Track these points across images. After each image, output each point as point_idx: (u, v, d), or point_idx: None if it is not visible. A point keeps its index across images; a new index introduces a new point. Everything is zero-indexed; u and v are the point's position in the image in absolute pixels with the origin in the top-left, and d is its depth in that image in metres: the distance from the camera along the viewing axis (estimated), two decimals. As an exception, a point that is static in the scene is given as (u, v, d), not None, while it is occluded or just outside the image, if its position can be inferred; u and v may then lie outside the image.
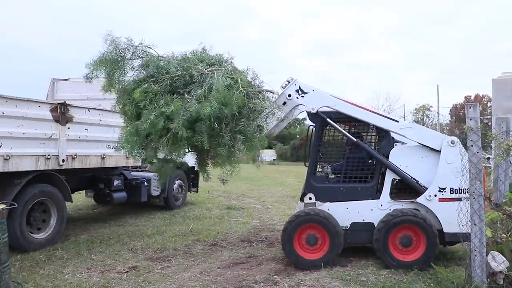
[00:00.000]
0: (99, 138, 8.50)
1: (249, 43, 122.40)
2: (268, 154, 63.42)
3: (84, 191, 10.74)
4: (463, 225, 6.24)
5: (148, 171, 11.22)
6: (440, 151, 6.49)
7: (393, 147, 6.79)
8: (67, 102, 7.77)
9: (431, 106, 60.48)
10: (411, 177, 6.55)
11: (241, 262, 6.74)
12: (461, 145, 6.47)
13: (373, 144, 7.13)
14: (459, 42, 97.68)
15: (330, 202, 6.66)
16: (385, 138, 6.77)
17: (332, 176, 7.17)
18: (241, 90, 5.49)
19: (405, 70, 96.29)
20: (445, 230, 6.39)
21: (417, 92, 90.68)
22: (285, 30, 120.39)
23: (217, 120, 5.29)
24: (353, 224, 6.61)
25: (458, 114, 61.69)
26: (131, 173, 10.70)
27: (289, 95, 6.59)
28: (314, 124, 6.88)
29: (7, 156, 6.63)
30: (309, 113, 6.83)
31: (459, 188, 6.30)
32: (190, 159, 12.63)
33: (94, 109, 8.48)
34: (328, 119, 6.63)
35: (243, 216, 11.00)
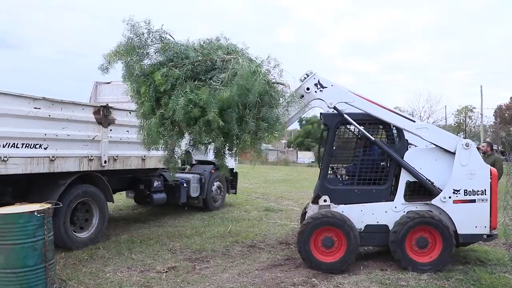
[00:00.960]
0: (139, 140, 8.63)
1: (286, 44, 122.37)
2: (307, 156, 63.08)
3: (124, 192, 10.96)
4: (476, 226, 6.35)
5: (188, 173, 11.36)
6: (453, 153, 6.50)
7: (407, 149, 6.78)
8: (109, 105, 7.93)
9: (474, 108, 58.64)
10: (427, 179, 6.53)
11: (279, 264, 6.70)
12: (476, 148, 6.51)
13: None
14: (502, 41, 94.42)
15: (344, 204, 6.64)
16: (400, 140, 6.75)
17: (346, 178, 7.17)
18: (262, 78, 5.46)
19: (445, 70, 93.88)
20: (459, 232, 6.42)
21: (460, 93, 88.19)
22: (321, 31, 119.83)
23: (242, 107, 5.34)
24: (367, 226, 6.61)
25: (503, 115, 59.66)
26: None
27: (308, 89, 6.55)
28: (328, 126, 6.82)
29: (52, 157, 6.83)
30: (323, 115, 6.83)
31: (472, 190, 6.39)
32: (229, 160, 12.78)
33: (135, 111, 8.61)
34: (345, 116, 6.57)
35: (281, 218, 10.94)
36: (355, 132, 7.16)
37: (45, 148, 6.74)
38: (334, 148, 6.99)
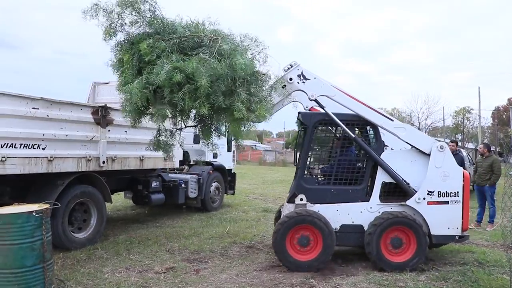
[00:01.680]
0: (138, 140, 8.63)
1: (286, 44, 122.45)
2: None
3: (123, 192, 10.95)
4: (449, 228, 6.51)
5: (186, 173, 11.36)
6: (428, 155, 6.62)
7: (383, 151, 6.85)
8: (108, 105, 7.92)
9: (472, 109, 58.80)
10: (403, 179, 6.63)
11: (278, 265, 6.69)
12: (449, 150, 6.68)
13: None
14: (501, 42, 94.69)
15: (320, 203, 6.67)
16: (376, 141, 6.82)
17: (322, 178, 7.19)
18: (251, 58, 5.62)
19: (444, 72, 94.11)
20: (432, 232, 6.56)
21: (458, 94, 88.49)
22: (320, 31, 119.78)
23: (232, 81, 5.41)
24: (342, 226, 6.65)
25: (501, 116, 59.74)
26: (169, 175, 10.84)
27: (290, 79, 6.57)
28: (306, 125, 6.86)
29: (51, 157, 6.83)
30: (301, 114, 6.86)
31: (446, 191, 6.55)
32: (227, 161, 12.81)
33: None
34: (325, 109, 6.63)
35: (279, 219, 10.92)
36: (333, 132, 7.28)
37: (43, 149, 6.73)
38: (311, 147, 7.03)
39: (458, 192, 6.56)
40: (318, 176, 7.21)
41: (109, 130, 7.91)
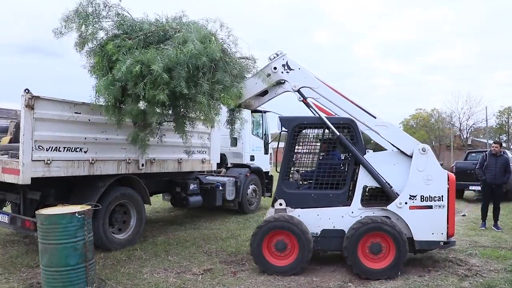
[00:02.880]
0: (176, 143, 8.73)
1: (323, 47, 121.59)
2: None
3: (161, 194, 11.12)
4: (433, 233, 6.22)
5: (223, 176, 11.45)
6: (411, 157, 6.41)
7: (365, 153, 6.70)
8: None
9: (516, 108, 56.66)
10: (386, 182, 6.44)
11: (315, 268, 6.66)
12: (432, 153, 6.42)
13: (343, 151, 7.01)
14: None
15: (301, 208, 6.57)
16: (357, 144, 6.58)
17: (303, 183, 7.09)
18: (216, 44, 5.70)
19: (485, 70, 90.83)
20: (415, 238, 6.34)
21: (501, 94, 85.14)
22: (358, 33, 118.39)
23: (194, 68, 5.47)
24: (323, 230, 6.52)
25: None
26: (207, 177, 10.95)
27: (275, 68, 6.60)
28: (286, 130, 6.78)
29: (92, 160, 7.03)
30: (280, 119, 6.87)
31: (429, 195, 6.29)
32: (264, 164, 12.84)
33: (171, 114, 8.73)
34: (307, 100, 6.60)
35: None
36: (314, 136, 7.15)
37: (85, 152, 6.94)
38: (292, 151, 6.91)
39: (442, 196, 6.29)
40: (299, 180, 7.12)
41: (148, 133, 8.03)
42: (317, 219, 6.53)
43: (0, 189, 7.59)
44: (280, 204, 6.61)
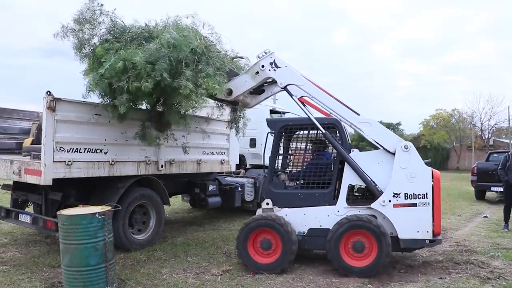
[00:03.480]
0: (195, 144, 8.80)
1: (342, 47, 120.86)
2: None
3: (180, 195, 11.19)
4: (418, 231, 6.13)
5: (242, 177, 11.45)
6: (394, 154, 6.40)
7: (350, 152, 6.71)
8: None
9: (540, 108, 55.42)
10: (371, 180, 6.45)
11: (334, 269, 6.61)
12: (415, 150, 6.35)
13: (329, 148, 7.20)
14: None
15: (288, 208, 6.70)
16: (343, 143, 6.69)
17: (290, 183, 7.21)
18: (195, 33, 6.17)
19: (507, 70, 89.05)
20: (400, 236, 6.29)
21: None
22: (377, 33, 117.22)
23: (177, 61, 5.81)
24: (310, 229, 6.61)
25: None
26: (225, 178, 10.96)
27: (263, 66, 6.77)
28: (273, 131, 7.01)
29: (112, 161, 7.10)
30: (267, 120, 7.23)
31: (413, 193, 6.23)
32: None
33: (191, 115, 8.77)
34: (294, 98, 6.76)
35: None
36: (300, 137, 7.36)
37: (105, 153, 7.02)
38: (278, 152, 7.06)
39: (426, 194, 6.22)
40: (286, 180, 7.21)
41: (167, 135, 8.09)
42: (303, 218, 6.63)
43: (23, 190, 7.74)
44: (267, 204, 6.79)
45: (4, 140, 8.69)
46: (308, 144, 7.25)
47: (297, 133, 7.31)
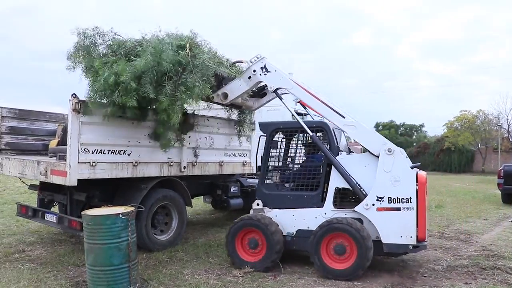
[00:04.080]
0: (217, 146, 8.85)
1: (362, 48, 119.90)
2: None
3: (202, 196, 11.24)
4: (401, 236, 6.03)
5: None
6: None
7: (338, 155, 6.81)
8: (188, 112, 8.15)
9: None
10: (357, 183, 6.43)
11: (356, 272, 6.57)
12: (401, 154, 6.28)
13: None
14: None
15: (279, 209, 6.85)
16: (330, 147, 6.75)
17: (281, 184, 7.32)
18: (187, 49, 6.48)
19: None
20: (383, 241, 6.22)
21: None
22: (399, 33, 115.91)
23: (159, 74, 6.14)
24: (298, 231, 6.72)
25: None
26: (247, 180, 10.95)
27: (254, 71, 7.08)
28: (265, 134, 7.24)
29: (135, 163, 7.18)
30: (259, 124, 7.42)
31: (397, 197, 6.16)
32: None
33: (213, 118, 8.85)
34: (282, 101, 7.03)
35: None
36: (291, 140, 7.64)
37: (128, 154, 7.10)
38: (269, 154, 7.27)
39: (410, 198, 6.10)
40: (277, 182, 7.34)
41: (189, 136, 8.17)
42: (292, 220, 6.76)
43: (49, 190, 7.90)
44: (258, 204, 6.99)
45: (31, 142, 8.88)
46: (300, 147, 7.53)
47: (288, 136, 7.61)
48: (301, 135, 7.41)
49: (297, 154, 7.52)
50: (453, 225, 11.03)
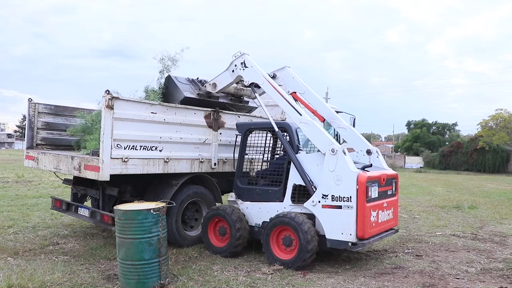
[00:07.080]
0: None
1: (395, 46, 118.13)
2: (415, 161, 60.31)
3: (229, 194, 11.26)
4: (342, 233, 6.37)
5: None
6: None
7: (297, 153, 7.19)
8: (219, 109, 8.21)
9: None
10: (310, 180, 6.79)
11: (386, 272, 6.49)
12: (343, 154, 6.47)
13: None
14: None
15: (249, 201, 7.51)
16: (291, 145, 7.22)
17: (252, 179, 7.94)
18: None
19: None
20: (327, 236, 6.55)
21: None
22: (432, 31, 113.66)
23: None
24: (263, 222, 7.25)
25: None
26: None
27: (235, 65, 7.77)
28: (240, 133, 7.96)
29: (167, 159, 7.26)
30: (236, 124, 8.09)
31: (339, 196, 6.43)
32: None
33: (244, 115, 8.85)
34: (257, 96, 7.72)
35: (388, 226, 10.54)
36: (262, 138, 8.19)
37: (160, 150, 7.18)
38: (244, 151, 7.94)
39: (350, 197, 6.33)
40: (249, 177, 8.03)
41: (220, 133, 8.21)
42: (259, 212, 7.39)
43: (82, 185, 8.06)
44: (231, 197, 7.79)
45: (66, 137, 9.08)
46: (269, 145, 8.25)
47: (259, 134, 8.24)
48: (269, 134, 8.15)
49: (265, 152, 8.19)
50: (487, 227, 10.75)
